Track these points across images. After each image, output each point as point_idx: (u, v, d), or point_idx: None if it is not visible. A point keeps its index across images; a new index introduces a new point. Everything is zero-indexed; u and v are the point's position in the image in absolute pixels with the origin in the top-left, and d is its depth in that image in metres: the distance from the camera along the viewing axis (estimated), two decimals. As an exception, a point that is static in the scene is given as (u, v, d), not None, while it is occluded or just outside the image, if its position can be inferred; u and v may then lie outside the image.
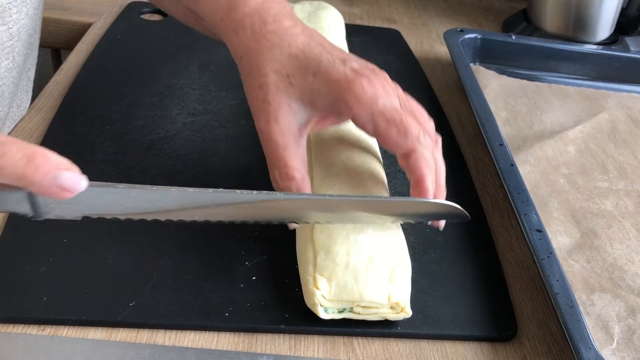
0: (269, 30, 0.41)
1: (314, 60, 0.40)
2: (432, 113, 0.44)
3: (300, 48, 0.41)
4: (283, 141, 0.41)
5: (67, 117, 0.57)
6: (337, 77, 0.39)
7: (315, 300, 0.39)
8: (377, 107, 0.39)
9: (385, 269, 0.40)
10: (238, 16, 0.42)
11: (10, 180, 0.31)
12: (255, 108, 0.41)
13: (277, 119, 0.40)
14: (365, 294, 0.39)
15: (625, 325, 0.44)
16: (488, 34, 0.76)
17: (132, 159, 0.52)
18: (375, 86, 0.39)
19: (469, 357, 0.41)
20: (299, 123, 0.41)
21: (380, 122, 0.39)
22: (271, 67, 0.40)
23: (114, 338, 0.39)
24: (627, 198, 0.56)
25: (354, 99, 0.39)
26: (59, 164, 0.32)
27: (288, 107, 0.40)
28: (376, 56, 0.75)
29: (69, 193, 0.32)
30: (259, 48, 0.41)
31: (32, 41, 0.54)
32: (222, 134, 0.57)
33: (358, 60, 0.42)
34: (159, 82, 0.63)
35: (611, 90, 0.74)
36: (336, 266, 0.40)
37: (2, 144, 0.30)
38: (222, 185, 0.50)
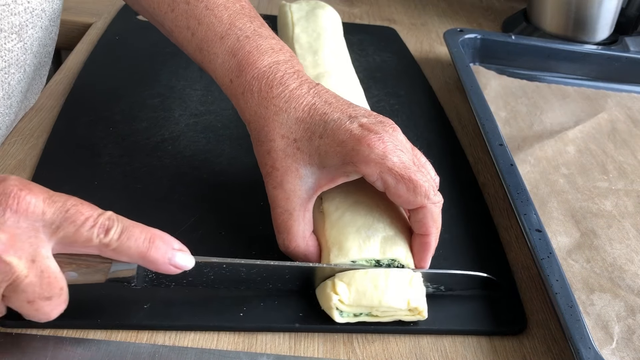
0: (275, 94, 0.41)
1: (320, 122, 0.40)
2: (432, 111, 0.44)
3: (306, 111, 0.41)
4: (287, 206, 0.41)
5: (70, 119, 0.57)
6: (343, 137, 0.39)
7: (332, 304, 0.39)
8: (385, 165, 0.39)
9: (405, 274, 0.40)
10: (246, 79, 0.42)
11: (132, 259, 0.35)
12: (264, 173, 0.42)
13: (283, 185, 0.41)
14: (385, 300, 0.39)
15: (625, 325, 0.44)
16: (488, 34, 0.76)
17: (138, 161, 0.52)
18: (384, 142, 0.39)
19: (468, 356, 0.41)
20: (307, 187, 0.41)
21: (389, 180, 0.39)
22: (278, 132, 0.41)
23: (114, 338, 0.39)
24: (626, 198, 0.56)
25: (362, 159, 0.39)
26: (173, 245, 0.36)
27: (296, 173, 0.41)
28: (374, 55, 0.75)
29: (179, 270, 0.36)
30: (266, 114, 0.41)
31: (46, 51, 0.55)
32: (225, 134, 0.57)
33: (367, 113, 0.42)
34: (160, 83, 0.63)
35: (611, 90, 0.74)
36: (356, 271, 0.40)
37: (127, 228, 0.35)
38: (230, 186, 0.50)
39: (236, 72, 0.43)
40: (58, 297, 0.35)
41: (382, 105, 0.65)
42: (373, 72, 0.71)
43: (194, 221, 0.47)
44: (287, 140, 0.41)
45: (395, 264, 0.41)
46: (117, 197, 0.48)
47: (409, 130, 0.61)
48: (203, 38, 0.44)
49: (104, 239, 0.34)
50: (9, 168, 0.50)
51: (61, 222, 0.33)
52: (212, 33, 0.44)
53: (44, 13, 0.49)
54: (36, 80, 0.56)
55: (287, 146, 0.41)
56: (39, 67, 0.54)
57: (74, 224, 0.33)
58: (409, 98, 0.67)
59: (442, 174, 0.43)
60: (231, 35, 0.43)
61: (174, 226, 0.46)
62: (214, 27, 0.44)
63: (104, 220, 0.34)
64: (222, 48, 0.43)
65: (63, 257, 0.35)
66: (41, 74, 0.57)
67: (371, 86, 0.68)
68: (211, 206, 0.49)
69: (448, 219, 0.49)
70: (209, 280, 0.40)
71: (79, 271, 0.36)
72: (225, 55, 0.43)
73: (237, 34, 0.43)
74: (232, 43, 0.43)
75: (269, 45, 0.44)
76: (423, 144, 0.60)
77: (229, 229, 0.47)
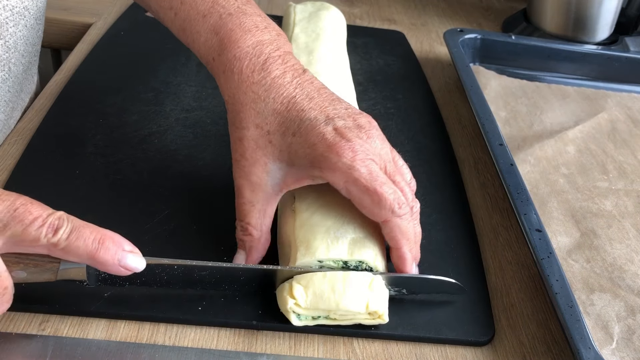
0: (256, 80, 0.40)
1: (296, 118, 0.40)
2: (429, 115, 0.44)
3: (284, 103, 0.40)
4: (251, 198, 0.41)
5: (63, 110, 0.57)
6: (315, 140, 0.39)
7: (288, 308, 0.39)
8: (351, 175, 0.38)
9: (365, 277, 0.40)
10: (227, 57, 0.41)
11: (81, 260, 0.35)
12: (233, 158, 0.42)
13: (249, 177, 0.41)
14: (343, 304, 0.38)
15: (625, 325, 0.44)
16: (488, 34, 0.76)
17: (122, 153, 0.53)
18: (354, 151, 0.38)
19: (468, 357, 0.41)
20: (273, 182, 0.41)
21: (354, 191, 0.39)
22: (253, 121, 0.40)
23: (114, 338, 0.39)
24: (626, 198, 0.56)
25: (329, 166, 0.38)
26: (124, 247, 0.36)
27: (264, 166, 0.40)
28: (377, 58, 0.75)
29: (128, 272, 0.36)
30: (244, 100, 0.40)
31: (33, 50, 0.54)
32: (213, 130, 0.57)
33: (346, 114, 0.41)
34: (157, 79, 0.64)
35: (611, 90, 0.74)
36: (314, 274, 0.39)
37: (77, 228, 0.34)
38: (210, 181, 0.51)
39: (218, 50, 0.42)
40: (1, 297, 0.34)
41: (377, 108, 0.65)
42: (374, 75, 0.71)
43: (168, 213, 0.47)
44: (260, 131, 0.40)
45: (363, 266, 0.40)
46: (95, 186, 0.49)
47: (401, 134, 0.61)
48: (185, 17, 0.43)
49: (52, 239, 0.34)
50: (9, 168, 0.50)
51: (8, 220, 0.33)
52: (194, 12, 0.43)
53: (27, 11, 0.49)
54: (27, 80, 0.56)
55: (260, 137, 0.40)
56: (28, 66, 0.54)
57: (22, 223, 0.33)
58: (406, 102, 0.67)
59: (429, 179, 0.43)
60: (213, 14, 0.42)
61: (148, 217, 0.46)
62: (197, 6, 0.43)
63: (53, 220, 0.34)
64: (204, 26, 0.42)
65: (11, 256, 0.35)
66: (31, 72, 0.56)
67: (369, 89, 0.68)
68: (188, 200, 0.49)
69: (429, 224, 0.49)
70: (162, 281, 0.40)
71: (27, 270, 0.36)
72: (208, 33, 0.42)
73: (219, 12, 0.42)
74: (215, 21, 0.42)
75: (252, 22, 0.42)
76: (414, 147, 0.59)
77: (202, 223, 0.47)
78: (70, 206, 0.46)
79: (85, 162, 0.51)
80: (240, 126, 0.41)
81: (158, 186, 0.50)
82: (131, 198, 0.48)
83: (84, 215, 0.45)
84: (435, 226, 0.50)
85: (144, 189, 0.49)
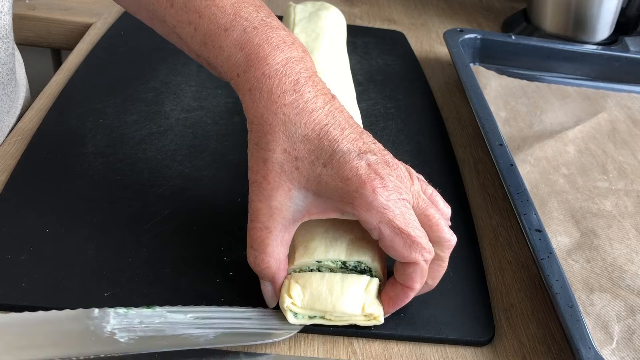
0: (287, 102, 0.38)
1: (328, 148, 0.37)
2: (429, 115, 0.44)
3: (316, 130, 0.38)
4: (268, 223, 0.38)
5: (63, 110, 0.57)
6: (348, 174, 0.37)
7: (285, 307, 0.39)
8: (386, 216, 0.36)
9: (362, 279, 0.40)
10: (255, 75, 0.38)
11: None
12: (252, 180, 0.39)
13: (270, 201, 0.38)
14: (339, 306, 0.39)
15: (625, 325, 0.44)
16: (488, 34, 0.76)
17: (122, 153, 0.53)
18: (387, 189, 0.37)
19: (468, 357, 0.41)
20: (293, 210, 0.38)
21: (386, 232, 0.37)
22: (281, 145, 0.38)
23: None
24: (626, 198, 0.56)
25: (363, 204, 0.36)
26: None
27: (287, 192, 0.38)
28: (377, 58, 0.75)
29: None
30: (273, 121, 0.38)
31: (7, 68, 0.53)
32: (213, 130, 0.57)
33: (376, 149, 0.39)
34: (157, 78, 0.64)
35: (611, 90, 0.74)
36: (312, 274, 0.39)
37: None
38: (211, 182, 0.51)
39: (244, 66, 0.39)
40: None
41: (377, 108, 0.65)
42: (374, 75, 0.71)
43: (167, 213, 0.47)
44: (288, 156, 0.38)
45: (362, 266, 0.40)
46: (95, 186, 0.49)
47: (401, 134, 0.61)
48: (206, 32, 0.40)
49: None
50: (9, 168, 0.50)
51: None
52: (215, 25, 0.40)
53: None
54: (3, 100, 0.54)
55: (286, 162, 0.38)
56: (1, 85, 0.52)
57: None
58: (406, 102, 0.67)
59: (429, 179, 0.42)
60: (236, 27, 0.40)
61: (148, 217, 0.47)
62: (217, 19, 0.40)
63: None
64: (227, 41, 0.39)
65: None
66: (7, 91, 0.55)
67: (369, 89, 0.68)
68: (188, 200, 0.49)
69: None
70: None
71: None
72: (231, 48, 0.39)
73: (243, 25, 0.40)
74: (239, 35, 0.39)
75: (280, 37, 0.40)
76: (414, 147, 0.59)
77: (202, 223, 0.47)
78: (70, 206, 0.47)
79: (85, 162, 0.51)
80: (267, 148, 0.38)
81: (157, 186, 0.50)
82: (131, 198, 0.48)
83: (84, 215, 0.46)
84: None
85: (144, 189, 0.49)
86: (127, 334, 0.37)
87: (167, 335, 0.38)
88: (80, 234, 0.44)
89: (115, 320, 0.38)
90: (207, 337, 0.38)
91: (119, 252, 0.43)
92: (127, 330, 0.38)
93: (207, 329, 0.39)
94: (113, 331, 0.37)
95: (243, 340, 0.39)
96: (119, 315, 0.38)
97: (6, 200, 0.47)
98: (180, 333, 0.38)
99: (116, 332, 0.37)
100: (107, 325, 0.38)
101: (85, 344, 0.37)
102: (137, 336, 0.37)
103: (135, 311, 0.39)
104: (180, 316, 0.39)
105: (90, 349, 0.36)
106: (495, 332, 0.43)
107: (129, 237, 0.45)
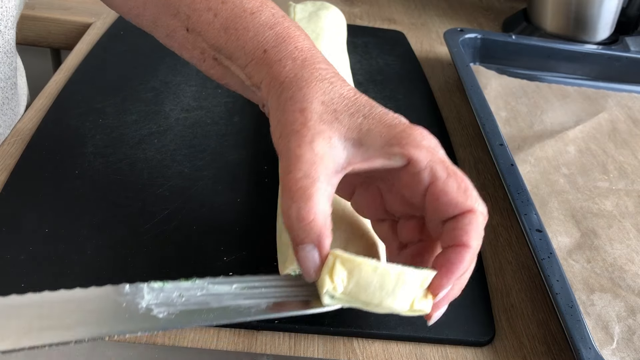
0: (322, 67, 0.38)
1: (366, 104, 0.36)
2: (429, 115, 0.44)
3: (351, 92, 0.37)
4: (312, 172, 0.33)
5: (62, 110, 0.57)
6: (392, 121, 0.36)
7: (324, 291, 0.34)
8: (437, 155, 0.35)
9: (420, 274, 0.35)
10: (288, 49, 0.38)
11: None
12: (289, 130, 0.35)
13: (312, 145, 0.34)
14: (387, 302, 0.34)
15: (625, 325, 0.43)
16: (488, 34, 0.76)
17: (122, 153, 0.53)
18: (431, 137, 0.36)
19: (468, 357, 0.41)
20: (335, 160, 0.35)
21: (440, 172, 0.34)
22: (318, 98, 0.36)
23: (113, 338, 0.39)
24: (627, 198, 0.56)
25: (412, 142, 0.34)
26: None
27: (328, 140, 0.35)
28: (377, 58, 0.75)
29: None
30: (309, 77, 0.37)
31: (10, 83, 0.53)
32: (213, 130, 0.57)
33: None
34: (156, 78, 0.64)
35: (611, 90, 0.74)
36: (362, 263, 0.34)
37: None
38: (210, 181, 0.51)
39: (273, 42, 0.39)
40: None
41: (377, 107, 0.65)
42: (374, 75, 0.71)
43: (167, 213, 0.47)
44: (326, 107, 0.35)
45: None
46: (95, 186, 0.49)
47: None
48: (229, 16, 0.40)
49: None
50: (9, 168, 0.50)
51: None
52: (240, 10, 0.40)
53: None
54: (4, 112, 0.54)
55: (325, 113, 0.35)
56: (6, 100, 0.52)
57: None
58: (406, 101, 0.67)
59: None
60: (264, 11, 0.40)
61: (148, 217, 0.46)
62: (242, 4, 0.41)
63: None
64: (254, 22, 0.39)
65: None
66: (11, 106, 0.55)
67: (369, 89, 0.68)
68: (188, 200, 0.49)
69: None
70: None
71: None
72: (259, 27, 0.39)
73: (271, 11, 0.40)
74: (267, 18, 0.40)
75: (304, 31, 0.41)
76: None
77: (202, 223, 0.47)
78: (70, 206, 0.47)
79: (85, 162, 0.51)
80: (304, 99, 0.36)
81: (157, 186, 0.50)
82: (131, 198, 0.48)
83: (84, 215, 0.46)
84: None
85: (143, 189, 0.49)
86: (165, 308, 0.33)
87: (212, 307, 0.34)
88: (80, 234, 0.44)
89: (150, 295, 0.34)
90: (259, 307, 0.35)
91: (118, 253, 0.43)
92: (166, 305, 0.33)
93: (258, 299, 0.35)
94: (149, 307, 0.33)
95: (299, 308, 0.35)
96: (153, 290, 0.34)
97: (6, 200, 0.47)
98: (227, 304, 0.34)
99: (153, 308, 0.33)
100: (142, 301, 0.33)
101: (118, 322, 0.32)
102: (178, 310, 0.33)
103: (172, 284, 0.34)
104: (225, 287, 0.35)
105: (125, 327, 0.32)
106: (496, 332, 0.43)
107: (129, 237, 0.45)
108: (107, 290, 0.33)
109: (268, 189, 0.51)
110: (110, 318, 0.32)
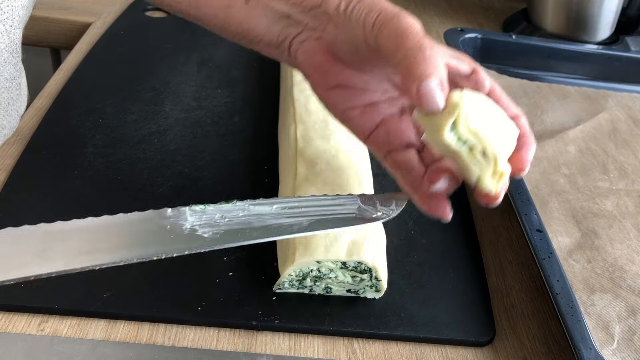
0: None
1: None
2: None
3: None
4: (425, 36, 0.37)
5: (62, 110, 0.57)
6: None
7: (448, 120, 0.33)
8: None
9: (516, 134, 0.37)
10: None
11: None
12: (379, 9, 0.39)
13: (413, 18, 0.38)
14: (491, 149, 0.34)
15: (626, 325, 0.43)
16: (488, 34, 0.76)
17: (122, 153, 0.53)
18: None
19: (469, 357, 0.41)
20: None
21: None
22: None
23: (113, 338, 0.39)
24: (627, 198, 0.56)
25: None
26: None
27: None
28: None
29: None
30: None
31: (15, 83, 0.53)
32: (213, 130, 0.57)
33: None
34: (156, 78, 0.63)
35: (611, 90, 0.74)
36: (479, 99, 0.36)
37: None
38: (209, 181, 0.51)
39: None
40: None
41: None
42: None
43: None
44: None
45: (362, 267, 0.40)
46: (95, 186, 0.49)
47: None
48: None
49: None
50: (9, 168, 0.50)
51: None
52: None
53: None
54: (9, 112, 0.54)
55: None
56: (11, 101, 0.53)
57: None
58: (407, 100, 0.67)
59: None
60: None
61: None
62: None
63: None
64: None
65: None
66: (16, 107, 0.55)
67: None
68: (188, 200, 0.49)
69: (429, 224, 0.49)
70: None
71: None
72: None
73: None
74: None
75: None
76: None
77: None
78: (70, 206, 0.47)
79: (85, 162, 0.51)
80: None
81: (157, 186, 0.50)
82: (131, 198, 0.48)
83: (84, 216, 0.46)
84: (436, 226, 0.50)
85: (142, 189, 0.49)
86: (209, 229, 0.34)
87: (255, 227, 0.35)
88: None
89: (192, 217, 0.35)
90: (301, 224, 0.36)
91: None
92: (210, 226, 0.34)
93: (299, 217, 0.36)
94: (193, 228, 0.34)
95: (341, 224, 0.36)
96: (195, 212, 0.35)
97: (5, 200, 0.47)
98: (270, 223, 0.35)
99: (197, 229, 0.34)
100: (185, 222, 0.34)
101: (164, 243, 0.33)
102: (222, 230, 0.34)
103: (213, 207, 0.35)
104: (266, 208, 0.36)
105: (172, 247, 0.33)
106: (496, 332, 0.43)
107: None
108: (150, 214, 0.35)
109: (268, 189, 0.51)
110: (156, 240, 0.33)
